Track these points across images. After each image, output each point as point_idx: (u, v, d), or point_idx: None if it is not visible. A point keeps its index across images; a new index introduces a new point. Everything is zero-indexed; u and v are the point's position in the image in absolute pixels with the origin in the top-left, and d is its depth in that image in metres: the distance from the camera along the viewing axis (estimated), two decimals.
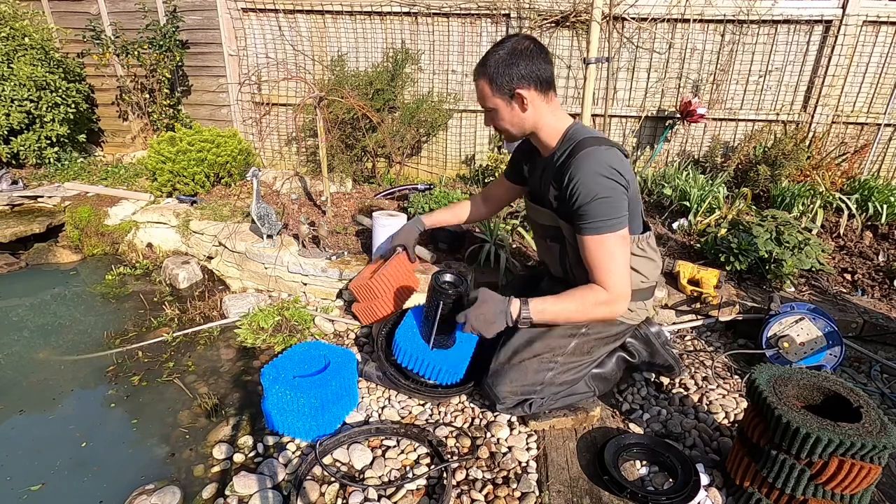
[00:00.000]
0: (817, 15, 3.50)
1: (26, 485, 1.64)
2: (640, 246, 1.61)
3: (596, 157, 1.42)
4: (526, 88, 1.48)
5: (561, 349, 1.63)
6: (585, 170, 1.41)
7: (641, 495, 1.37)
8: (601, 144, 1.45)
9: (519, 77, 1.46)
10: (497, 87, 1.48)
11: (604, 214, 1.42)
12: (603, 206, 1.41)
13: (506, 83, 1.47)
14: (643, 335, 1.79)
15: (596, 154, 1.42)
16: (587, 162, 1.42)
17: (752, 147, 3.71)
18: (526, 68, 1.46)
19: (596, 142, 1.46)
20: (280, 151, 4.52)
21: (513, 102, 1.51)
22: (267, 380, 1.69)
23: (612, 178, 1.41)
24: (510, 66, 1.45)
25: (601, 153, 1.42)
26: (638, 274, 1.63)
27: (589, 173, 1.41)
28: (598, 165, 1.41)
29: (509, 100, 1.50)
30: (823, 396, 1.38)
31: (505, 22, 3.83)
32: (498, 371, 1.66)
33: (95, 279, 3.17)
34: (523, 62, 1.45)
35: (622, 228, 1.44)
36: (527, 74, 1.46)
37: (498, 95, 1.50)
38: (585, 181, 1.41)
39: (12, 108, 3.97)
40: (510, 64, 1.45)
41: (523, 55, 1.45)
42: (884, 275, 2.56)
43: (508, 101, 1.51)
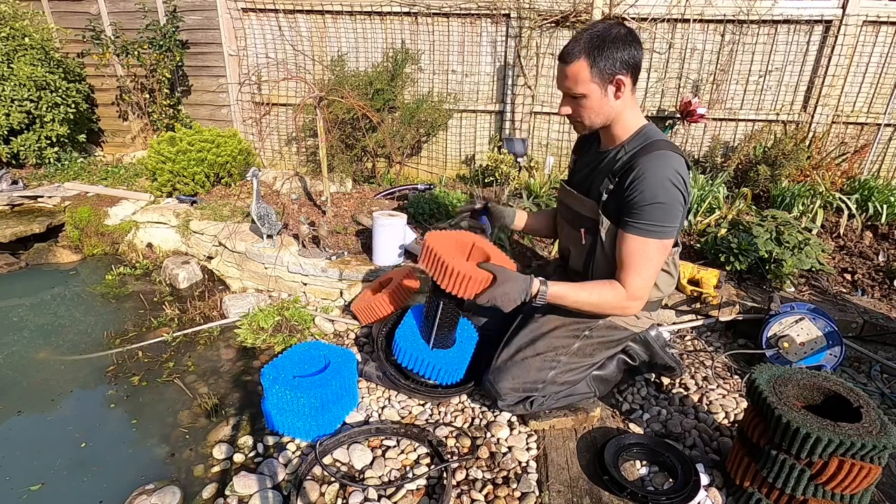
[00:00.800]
0: (817, 15, 3.50)
1: (26, 485, 1.64)
2: (667, 260, 1.58)
3: (669, 161, 1.38)
4: (626, 74, 1.40)
5: (564, 349, 1.63)
6: (655, 170, 1.37)
7: (641, 495, 1.37)
8: (675, 151, 1.41)
9: (622, 61, 1.38)
10: (598, 69, 1.38)
11: (658, 219, 1.39)
12: (660, 211, 1.38)
13: (608, 66, 1.38)
14: (642, 338, 1.78)
15: (670, 158, 1.38)
16: (660, 163, 1.38)
17: (752, 147, 3.71)
18: (628, 52, 1.38)
19: (670, 146, 1.42)
20: (280, 151, 4.52)
21: (608, 88, 1.42)
22: (267, 380, 1.69)
23: (678, 188, 1.38)
24: (615, 48, 1.36)
25: (675, 159, 1.39)
26: (656, 289, 1.62)
27: (658, 174, 1.37)
28: (670, 170, 1.37)
29: (606, 85, 1.41)
30: (823, 396, 1.38)
31: (505, 22, 3.83)
32: (500, 368, 1.66)
33: (95, 279, 3.17)
34: (626, 46, 1.37)
35: (668, 238, 1.43)
36: (628, 59, 1.38)
37: (596, 79, 1.40)
38: (652, 181, 1.37)
39: (12, 108, 3.97)
40: (614, 46, 1.36)
41: (625, 39, 1.37)
42: (884, 275, 2.56)
43: (604, 87, 1.42)
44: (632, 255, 1.44)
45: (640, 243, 1.42)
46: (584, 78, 1.40)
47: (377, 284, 2.43)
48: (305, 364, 1.84)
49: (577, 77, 1.41)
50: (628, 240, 1.44)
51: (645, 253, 1.43)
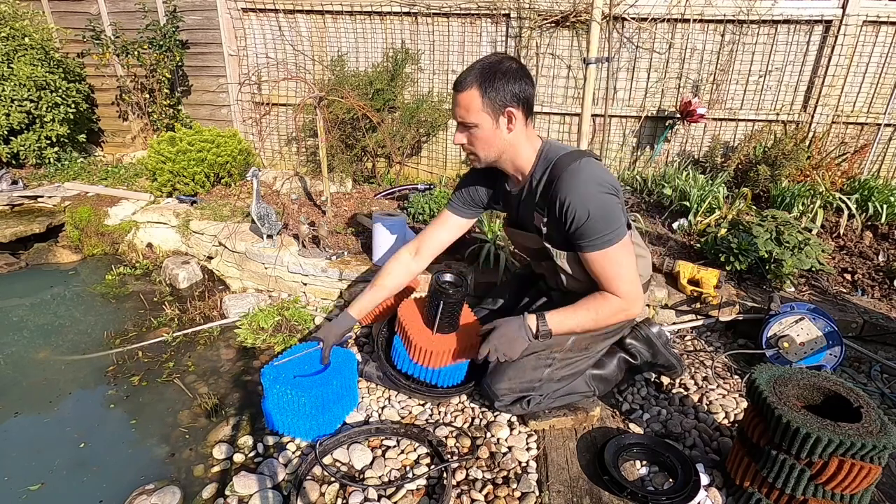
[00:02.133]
0: (817, 15, 3.50)
1: (25, 484, 1.64)
2: None
3: (579, 174, 1.40)
4: (516, 108, 1.44)
5: (558, 346, 1.63)
6: (574, 189, 1.39)
7: (641, 495, 1.37)
8: (577, 159, 1.43)
9: (513, 94, 1.42)
10: (489, 100, 1.41)
11: (603, 230, 1.41)
12: (600, 222, 1.40)
13: (499, 98, 1.41)
14: (644, 336, 1.79)
15: (579, 172, 1.40)
16: (573, 181, 1.40)
17: (752, 147, 3.71)
18: (519, 87, 1.42)
19: (570, 158, 1.44)
20: (280, 151, 4.52)
21: (500, 120, 1.45)
22: (267, 380, 1.69)
23: (603, 191, 1.40)
24: (506, 80, 1.40)
25: (583, 169, 1.41)
26: None
27: (579, 193, 1.39)
28: (586, 182, 1.39)
29: (497, 117, 1.44)
30: (823, 396, 1.38)
31: (505, 22, 3.83)
32: (496, 369, 1.66)
33: (95, 279, 3.17)
34: (517, 80, 1.41)
35: (623, 237, 1.45)
36: (519, 93, 1.42)
37: (487, 109, 1.43)
38: (577, 201, 1.39)
39: (12, 108, 3.97)
40: (506, 78, 1.40)
41: (516, 75, 1.41)
42: (884, 275, 2.56)
43: (495, 119, 1.45)
44: (603, 269, 1.46)
45: (602, 257, 1.45)
46: (476, 107, 1.43)
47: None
48: (306, 364, 1.84)
49: (470, 106, 1.43)
50: (591, 258, 1.46)
51: (613, 261, 1.45)
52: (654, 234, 2.97)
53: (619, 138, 4.04)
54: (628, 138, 4.02)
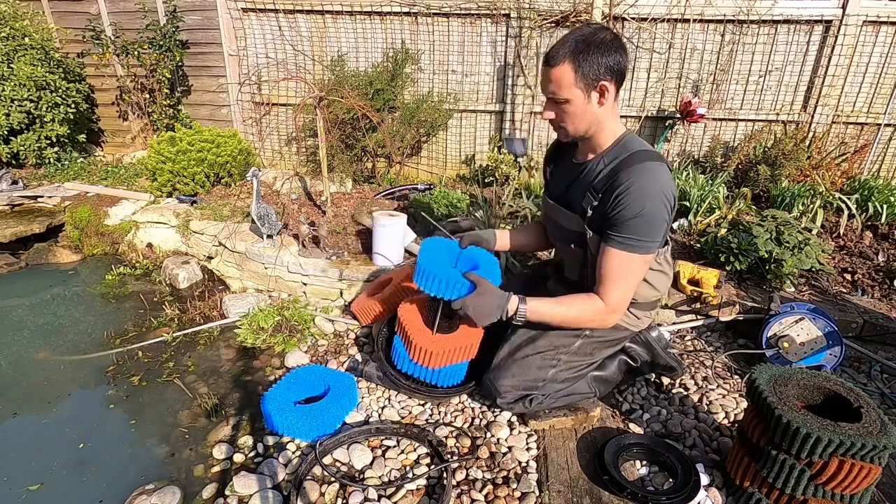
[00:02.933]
0: (817, 15, 3.50)
1: (25, 484, 1.64)
2: (658, 260, 1.57)
3: (654, 174, 1.36)
4: (609, 81, 1.38)
5: (565, 348, 1.63)
6: (640, 184, 1.35)
7: (641, 495, 1.37)
8: (656, 160, 1.38)
9: (607, 67, 1.35)
10: (583, 74, 1.35)
11: (641, 234, 1.38)
12: (644, 226, 1.37)
13: (593, 71, 1.35)
14: (644, 339, 1.78)
15: (654, 171, 1.36)
16: (644, 177, 1.35)
17: (752, 147, 3.71)
18: (614, 59, 1.35)
19: (650, 156, 1.39)
20: (280, 151, 4.52)
21: (592, 94, 1.40)
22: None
23: (663, 203, 1.36)
24: (601, 53, 1.34)
25: (659, 172, 1.36)
26: (651, 287, 1.62)
27: (643, 189, 1.34)
28: (655, 184, 1.35)
29: (590, 91, 1.39)
30: (823, 396, 1.38)
31: (505, 22, 3.83)
32: (500, 366, 1.66)
33: (95, 279, 3.17)
34: (612, 52, 1.35)
35: (651, 253, 1.42)
36: (614, 66, 1.36)
37: (580, 84, 1.37)
38: (637, 196, 1.35)
39: (12, 108, 3.97)
40: (600, 51, 1.34)
41: (612, 45, 1.35)
42: (884, 275, 2.56)
43: (588, 93, 1.39)
44: (613, 269, 1.43)
45: (622, 258, 1.42)
46: (569, 82, 1.38)
47: (377, 285, 2.43)
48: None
49: (561, 81, 1.38)
50: (610, 254, 1.43)
51: (626, 268, 1.42)
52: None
53: None
54: None
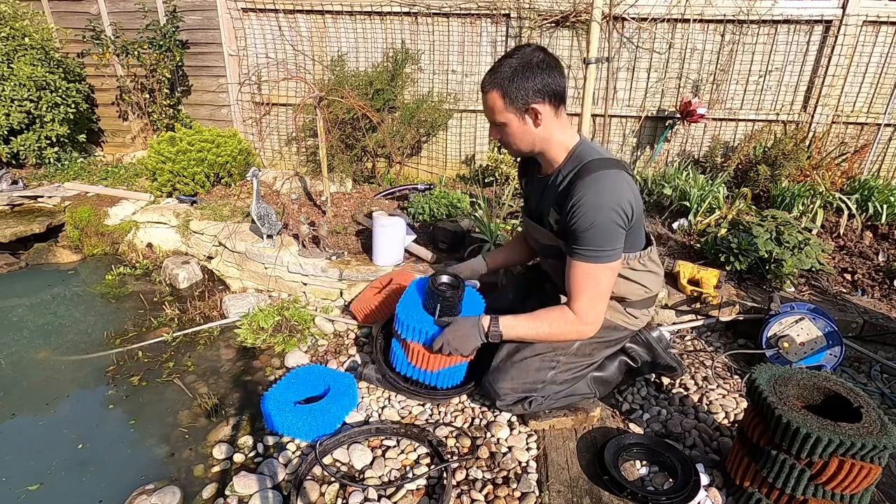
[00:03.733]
0: (817, 15, 3.50)
1: (24, 484, 1.64)
2: (641, 262, 1.60)
3: (603, 184, 1.37)
4: (540, 103, 1.40)
5: (563, 349, 1.63)
6: (590, 196, 1.36)
7: (641, 495, 1.37)
8: (609, 168, 1.39)
9: (534, 91, 1.38)
10: (510, 100, 1.40)
11: (599, 245, 1.40)
12: (599, 236, 1.39)
13: (520, 97, 1.39)
14: (644, 340, 1.78)
15: (604, 181, 1.37)
16: (594, 188, 1.36)
17: (752, 147, 3.70)
18: (541, 81, 1.38)
19: (603, 164, 1.40)
20: (280, 151, 4.52)
21: (526, 117, 1.44)
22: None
23: (616, 211, 1.37)
24: (525, 78, 1.37)
25: (609, 180, 1.37)
26: (641, 287, 1.63)
27: (593, 201, 1.36)
28: (604, 195, 1.36)
29: (522, 114, 1.43)
30: (823, 396, 1.38)
31: (505, 22, 3.83)
32: (499, 368, 1.66)
33: (95, 279, 3.17)
34: (539, 75, 1.37)
35: (613, 260, 1.44)
36: (542, 88, 1.39)
37: (511, 109, 1.42)
38: (588, 208, 1.36)
39: (12, 108, 3.97)
40: (525, 76, 1.37)
41: (538, 67, 1.37)
42: (884, 275, 2.56)
43: (521, 116, 1.43)
44: (579, 281, 1.46)
45: (585, 269, 1.44)
46: (500, 108, 1.43)
47: (378, 284, 2.43)
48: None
49: (493, 107, 1.44)
50: (571, 266, 1.46)
51: (589, 278, 1.44)
52: (654, 234, 2.97)
53: (620, 138, 4.04)
54: (628, 138, 4.02)
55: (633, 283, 1.62)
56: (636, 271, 1.60)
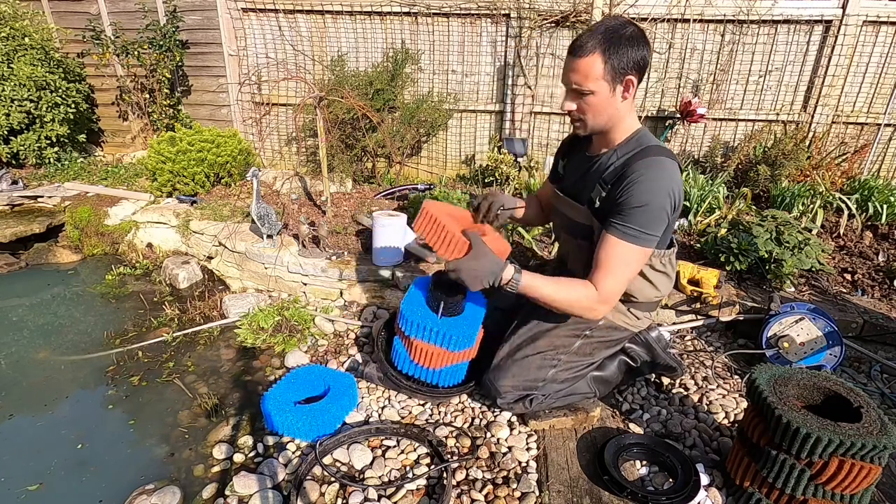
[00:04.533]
0: (817, 15, 3.50)
1: (24, 484, 1.64)
2: (662, 262, 1.57)
3: (665, 170, 1.36)
4: (635, 75, 1.37)
5: (565, 348, 1.63)
6: (649, 175, 1.35)
7: (641, 495, 1.37)
8: (670, 157, 1.39)
9: (634, 61, 1.34)
10: (611, 66, 1.34)
11: (644, 226, 1.37)
12: (648, 217, 1.36)
13: (622, 64, 1.34)
14: (643, 340, 1.77)
15: (665, 167, 1.36)
16: (655, 170, 1.35)
17: (752, 147, 3.71)
18: (640, 53, 1.34)
19: (664, 152, 1.39)
20: (280, 151, 4.52)
21: (617, 88, 1.38)
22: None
23: (669, 198, 1.36)
24: (630, 46, 1.33)
25: (670, 169, 1.37)
26: (653, 287, 1.61)
27: (650, 180, 1.34)
28: (664, 179, 1.35)
29: (616, 84, 1.37)
30: (823, 396, 1.38)
31: (505, 22, 3.83)
32: (500, 366, 1.66)
33: (95, 279, 3.17)
34: (639, 47, 1.34)
35: (650, 247, 1.41)
36: (639, 60, 1.35)
37: (607, 76, 1.35)
38: (644, 185, 1.34)
39: (12, 108, 3.97)
40: (630, 45, 1.33)
41: (639, 40, 1.34)
42: (884, 275, 2.56)
43: (613, 86, 1.38)
44: (609, 257, 1.41)
45: (619, 246, 1.40)
46: (596, 74, 1.35)
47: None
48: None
49: (589, 72, 1.35)
50: (608, 241, 1.41)
51: (623, 257, 1.40)
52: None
53: None
54: None
55: (646, 283, 1.59)
56: (655, 271, 1.58)
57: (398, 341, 1.84)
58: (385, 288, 2.64)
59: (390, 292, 2.61)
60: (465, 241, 1.49)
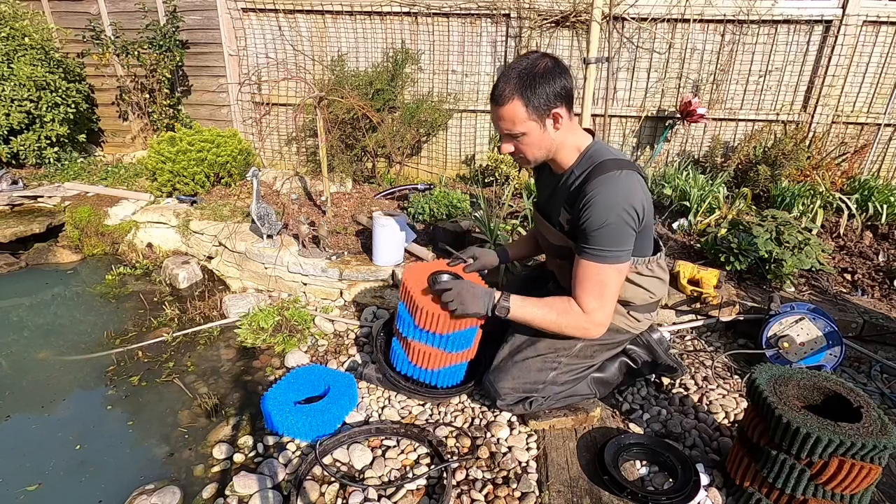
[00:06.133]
0: (817, 15, 3.50)
1: (23, 485, 1.64)
2: (649, 267, 1.60)
3: (616, 185, 1.36)
4: (559, 106, 1.40)
5: (565, 350, 1.63)
6: (602, 196, 1.36)
7: (641, 495, 1.37)
8: (622, 168, 1.39)
9: (555, 94, 1.37)
10: (534, 107, 1.37)
11: (609, 245, 1.39)
12: (610, 236, 1.38)
13: (543, 102, 1.37)
14: (645, 342, 1.77)
15: (616, 182, 1.37)
16: (606, 189, 1.36)
17: (752, 147, 3.70)
18: (559, 84, 1.37)
19: (616, 165, 1.39)
20: (280, 151, 4.52)
21: (547, 122, 1.42)
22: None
23: (627, 212, 1.37)
24: (545, 83, 1.36)
25: (622, 181, 1.37)
26: (646, 291, 1.63)
27: (603, 200, 1.36)
28: (616, 195, 1.36)
29: (544, 119, 1.41)
30: (823, 396, 1.38)
31: (505, 22, 3.83)
32: (500, 367, 1.65)
33: (95, 279, 3.17)
34: (555, 78, 1.37)
35: (623, 262, 1.43)
36: (560, 91, 1.38)
37: (533, 117, 1.39)
38: (599, 208, 1.36)
39: (12, 108, 3.96)
40: (544, 81, 1.36)
41: (553, 71, 1.37)
42: (884, 275, 2.56)
43: (542, 123, 1.41)
44: (587, 280, 1.44)
45: (593, 269, 1.42)
46: (521, 118, 1.39)
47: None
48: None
49: (515, 118, 1.40)
50: (581, 264, 1.44)
51: (600, 279, 1.43)
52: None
53: (619, 138, 4.04)
54: (628, 138, 4.02)
55: (638, 288, 1.62)
56: (643, 276, 1.60)
57: (396, 342, 1.84)
58: (385, 288, 2.64)
59: (390, 292, 2.61)
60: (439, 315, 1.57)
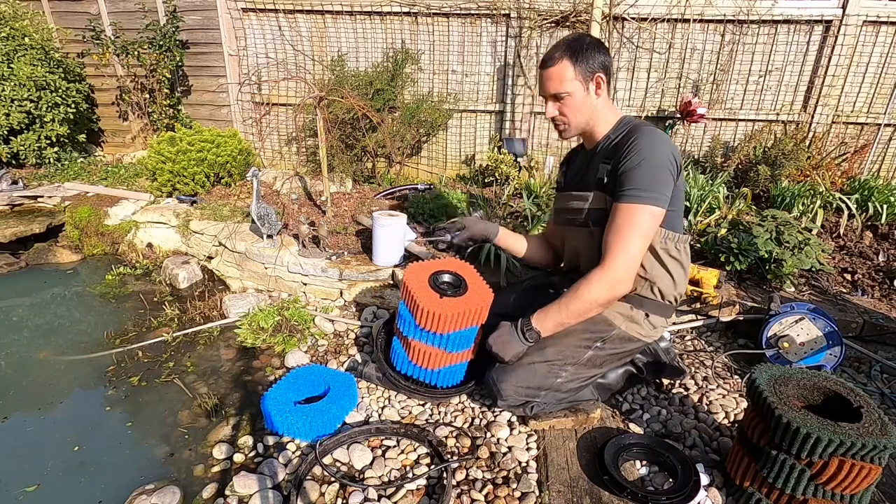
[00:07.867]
0: (817, 15, 3.50)
1: (22, 485, 1.64)
2: (677, 247, 1.57)
3: (656, 133, 1.48)
4: (603, 74, 1.53)
5: (573, 359, 1.61)
6: (644, 138, 1.45)
7: (641, 495, 1.37)
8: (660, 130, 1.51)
9: (599, 62, 1.52)
10: (580, 68, 1.51)
11: (646, 183, 1.42)
12: (648, 173, 1.43)
13: (589, 65, 1.51)
14: (652, 350, 1.74)
15: (656, 132, 1.48)
16: (648, 135, 1.46)
17: (752, 147, 3.71)
18: (603, 57, 1.52)
19: (653, 125, 1.53)
20: (280, 151, 4.52)
21: (590, 86, 1.54)
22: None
23: (667, 155, 1.45)
24: (592, 51, 1.51)
25: (662, 134, 1.49)
26: (668, 276, 1.58)
27: (647, 142, 1.45)
28: (659, 142, 1.45)
29: (588, 83, 1.53)
30: (823, 396, 1.38)
31: (505, 22, 3.83)
32: (505, 368, 1.63)
33: (95, 279, 3.17)
34: (600, 52, 1.52)
35: (658, 206, 1.44)
36: (603, 62, 1.53)
37: (579, 77, 1.52)
38: (642, 146, 1.44)
39: (12, 108, 3.97)
40: (591, 49, 1.51)
41: (597, 47, 1.52)
42: (884, 275, 2.56)
43: (586, 85, 1.53)
44: (621, 226, 1.45)
45: (629, 211, 1.44)
46: (569, 76, 1.52)
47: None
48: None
49: (562, 76, 1.52)
50: (617, 210, 1.47)
51: (633, 220, 1.44)
52: None
53: None
54: None
55: (664, 271, 1.57)
56: (671, 258, 1.56)
57: (397, 342, 1.84)
58: (385, 288, 2.64)
59: (390, 292, 2.61)
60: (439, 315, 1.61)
